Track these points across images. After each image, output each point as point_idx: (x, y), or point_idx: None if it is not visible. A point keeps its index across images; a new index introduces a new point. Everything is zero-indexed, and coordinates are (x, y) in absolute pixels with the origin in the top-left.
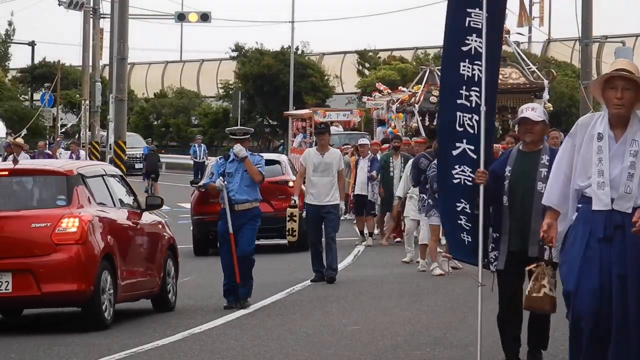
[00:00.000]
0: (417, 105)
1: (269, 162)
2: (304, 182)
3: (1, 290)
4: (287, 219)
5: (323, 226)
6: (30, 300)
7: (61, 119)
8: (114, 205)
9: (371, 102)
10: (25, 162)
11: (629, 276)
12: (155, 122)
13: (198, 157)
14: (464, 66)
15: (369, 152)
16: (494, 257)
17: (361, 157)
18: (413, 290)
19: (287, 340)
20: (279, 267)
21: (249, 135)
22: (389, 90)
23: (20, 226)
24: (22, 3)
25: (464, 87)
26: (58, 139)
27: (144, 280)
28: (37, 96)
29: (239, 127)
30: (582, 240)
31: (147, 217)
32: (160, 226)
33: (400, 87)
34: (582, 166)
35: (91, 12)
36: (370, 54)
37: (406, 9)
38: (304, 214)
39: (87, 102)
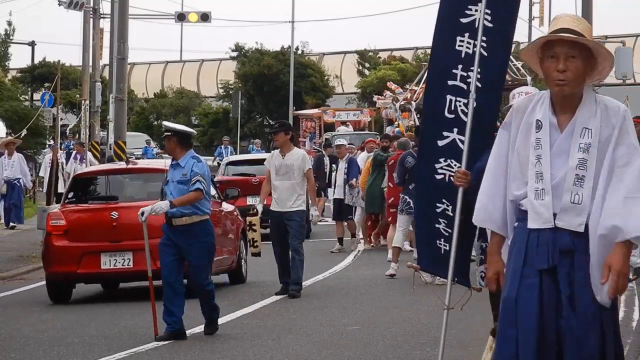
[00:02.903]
0: (414, 103)
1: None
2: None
3: (124, 265)
4: (247, 228)
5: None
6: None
7: (61, 119)
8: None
9: (381, 101)
10: (139, 162)
11: (584, 317)
12: (155, 122)
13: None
14: (461, 41)
15: (347, 153)
16: (483, 271)
17: (339, 159)
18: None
19: (287, 340)
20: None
21: (171, 133)
22: (400, 89)
23: (136, 214)
24: (22, 3)
25: (460, 67)
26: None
27: (227, 257)
28: (37, 96)
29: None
30: (515, 274)
31: (225, 206)
32: (235, 213)
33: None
34: (518, 168)
35: (91, 12)
36: (370, 54)
37: (406, 9)
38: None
39: (87, 102)
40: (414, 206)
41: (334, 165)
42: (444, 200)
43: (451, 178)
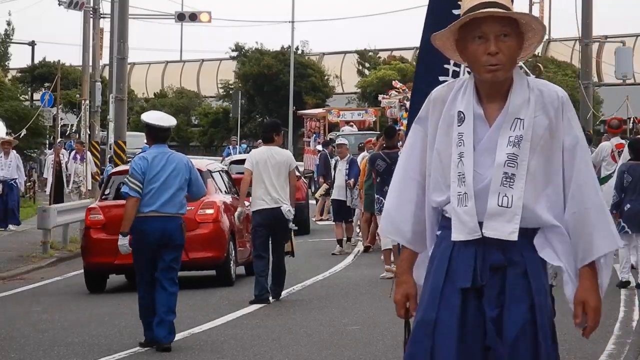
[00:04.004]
0: (407, 103)
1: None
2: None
3: None
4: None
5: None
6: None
7: (61, 119)
8: (225, 193)
9: (386, 100)
10: None
11: (511, 348)
12: None
13: None
14: None
15: (348, 153)
16: None
17: (339, 159)
18: None
19: (287, 340)
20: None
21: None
22: (406, 88)
23: None
24: (22, 3)
25: (452, 62)
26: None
27: (245, 249)
28: (37, 96)
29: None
30: (434, 292)
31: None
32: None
33: None
34: (439, 170)
35: (91, 12)
36: (370, 54)
37: (406, 9)
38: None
39: (87, 102)
40: None
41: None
42: None
43: None
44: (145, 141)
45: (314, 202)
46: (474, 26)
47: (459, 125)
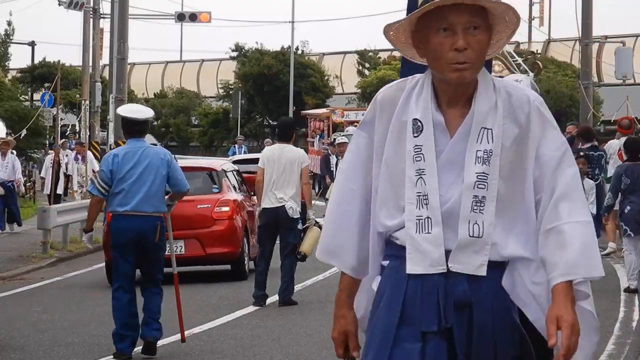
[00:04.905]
0: None
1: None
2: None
3: (177, 252)
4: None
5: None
6: (197, 259)
7: (61, 119)
8: (238, 191)
9: None
10: (185, 161)
11: None
12: (155, 122)
13: None
14: None
15: None
16: None
17: (340, 158)
18: None
19: (287, 340)
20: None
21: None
22: None
23: (190, 207)
24: (22, 3)
25: None
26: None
27: (254, 246)
28: (37, 96)
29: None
30: (386, 335)
31: (253, 199)
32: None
33: None
34: (388, 187)
35: (91, 12)
36: (370, 54)
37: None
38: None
39: (87, 102)
40: None
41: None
42: None
43: None
44: (151, 144)
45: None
46: (439, 15)
47: (415, 136)
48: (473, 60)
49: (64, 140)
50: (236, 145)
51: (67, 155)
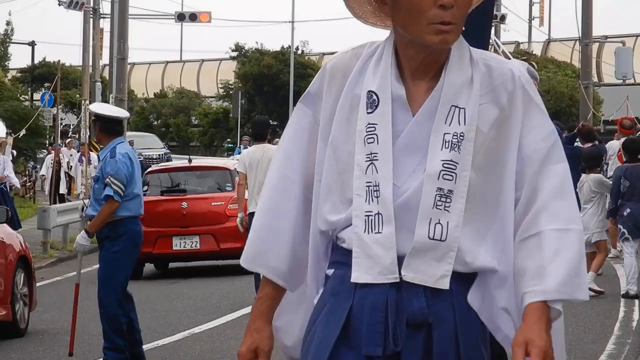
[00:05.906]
0: None
1: None
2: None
3: (192, 247)
4: None
5: None
6: (211, 254)
7: (62, 119)
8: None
9: None
10: (200, 161)
11: None
12: (155, 122)
13: None
14: None
15: None
16: None
17: None
18: None
19: None
20: None
21: (94, 117)
22: None
23: (204, 204)
24: (22, 3)
25: None
26: (69, 139)
27: None
28: (37, 96)
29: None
30: (320, 353)
31: None
32: None
33: None
34: (334, 174)
35: (91, 12)
36: None
37: None
38: None
39: (87, 102)
40: None
41: None
42: None
43: None
44: (160, 143)
45: None
46: None
47: (369, 113)
48: (458, 21)
49: (70, 139)
50: (242, 146)
51: (71, 155)
